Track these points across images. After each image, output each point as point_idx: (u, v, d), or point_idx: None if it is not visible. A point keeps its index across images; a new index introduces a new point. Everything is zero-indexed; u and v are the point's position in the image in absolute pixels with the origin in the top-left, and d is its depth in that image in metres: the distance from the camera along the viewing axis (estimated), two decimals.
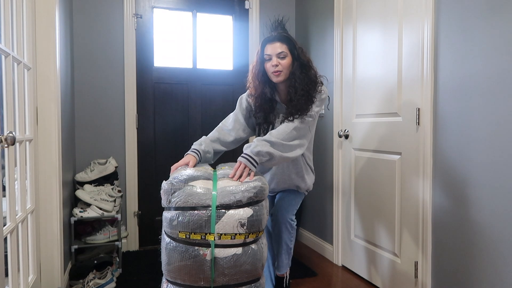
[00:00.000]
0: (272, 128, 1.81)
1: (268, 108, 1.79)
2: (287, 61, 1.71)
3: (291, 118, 1.70)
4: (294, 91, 1.71)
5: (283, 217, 1.81)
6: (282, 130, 1.66)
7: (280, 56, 1.70)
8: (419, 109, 1.93)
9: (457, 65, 1.72)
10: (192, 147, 1.70)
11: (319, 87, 1.76)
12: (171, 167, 1.54)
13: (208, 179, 1.33)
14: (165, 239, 1.28)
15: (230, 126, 1.83)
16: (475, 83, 1.63)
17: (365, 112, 2.38)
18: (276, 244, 1.89)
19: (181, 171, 1.36)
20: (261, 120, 1.82)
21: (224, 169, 1.48)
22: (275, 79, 1.73)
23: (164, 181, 1.33)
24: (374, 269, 2.31)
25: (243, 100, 1.89)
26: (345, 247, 2.60)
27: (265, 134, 1.80)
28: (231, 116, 1.88)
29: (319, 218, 2.92)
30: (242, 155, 1.53)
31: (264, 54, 1.73)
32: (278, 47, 1.70)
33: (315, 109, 1.74)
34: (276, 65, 1.69)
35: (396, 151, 2.11)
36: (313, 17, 3.01)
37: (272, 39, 1.72)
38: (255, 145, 1.56)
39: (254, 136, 1.97)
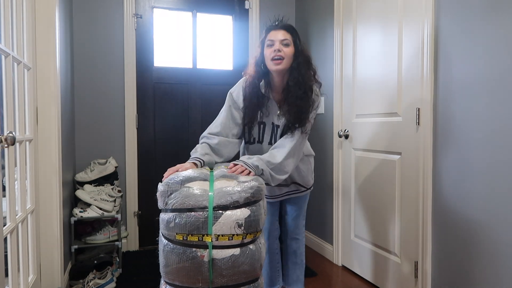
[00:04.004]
0: (263, 129, 1.70)
1: (256, 103, 1.64)
2: (290, 50, 1.59)
3: (292, 130, 1.61)
4: (297, 87, 1.59)
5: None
6: (282, 150, 1.58)
7: (283, 43, 1.58)
8: (419, 109, 1.93)
9: (457, 65, 1.72)
10: (192, 156, 1.56)
11: (317, 89, 1.68)
12: (168, 169, 1.44)
13: (205, 180, 1.33)
14: (162, 241, 1.27)
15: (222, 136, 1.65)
16: (475, 83, 1.63)
17: (365, 112, 2.38)
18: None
19: (177, 172, 1.36)
20: (248, 116, 1.66)
21: (221, 168, 1.47)
22: (274, 67, 1.58)
23: (160, 183, 1.32)
24: (374, 269, 2.31)
25: (239, 94, 1.70)
26: (345, 247, 2.60)
27: (253, 135, 1.71)
28: (220, 121, 1.67)
29: (319, 218, 2.91)
30: (241, 161, 1.49)
31: (266, 40, 1.62)
32: (282, 35, 1.59)
33: (313, 116, 1.68)
34: (279, 50, 1.57)
35: (396, 151, 2.10)
36: (313, 17, 3.01)
37: (277, 27, 1.62)
38: (256, 160, 1.51)
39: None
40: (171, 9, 3.03)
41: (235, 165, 1.48)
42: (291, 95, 1.61)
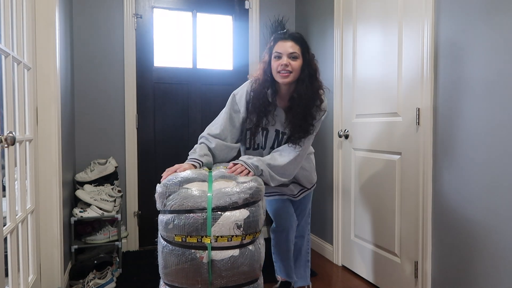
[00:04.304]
0: (266, 135, 1.69)
1: (264, 111, 1.64)
2: (297, 63, 1.58)
3: (296, 140, 1.61)
4: (301, 100, 1.59)
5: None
6: (285, 156, 1.59)
7: (291, 56, 1.56)
8: (419, 109, 1.93)
9: (457, 65, 1.72)
10: (191, 157, 1.55)
11: (321, 104, 1.65)
12: (167, 169, 1.44)
13: (203, 181, 1.32)
14: (161, 243, 1.27)
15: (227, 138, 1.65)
16: (475, 82, 1.63)
17: (365, 112, 2.37)
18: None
19: (175, 173, 1.36)
20: (253, 123, 1.66)
21: (219, 169, 1.47)
22: (281, 80, 1.58)
23: (158, 184, 1.32)
24: (374, 269, 2.31)
25: (241, 97, 1.67)
26: (345, 247, 2.60)
27: (255, 141, 1.71)
28: (221, 123, 1.66)
29: (319, 218, 2.91)
30: (241, 161, 1.50)
31: (274, 51, 1.59)
32: (291, 47, 1.56)
33: (316, 129, 1.68)
34: (286, 65, 1.55)
35: (396, 151, 2.10)
36: (313, 17, 3.00)
37: (285, 37, 1.58)
38: (256, 160, 1.51)
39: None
40: (171, 9, 3.03)
41: (235, 164, 1.48)
42: (295, 107, 1.60)
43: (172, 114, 3.04)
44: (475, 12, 1.62)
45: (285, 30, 1.63)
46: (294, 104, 1.61)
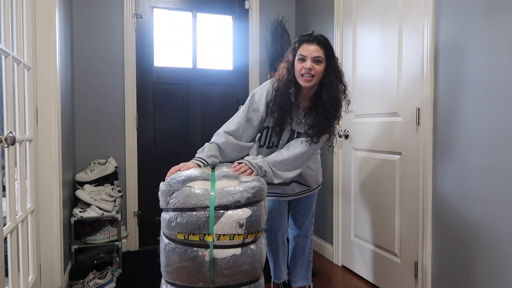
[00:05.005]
0: (281, 134, 1.69)
1: (288, 110, 1.64)
2: (321, 67, 1.58)
3: (310, 138, 1.63)
4: (330, 103, 1.61)
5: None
6: (291, 152, 1.60)
7: (315, 60, 1.57)
8: (419, 109, 1.93)
9: (457, 65, 1.72)
10: (197, 156, 1.57)
11: (347, 106, 1.69)
12: (171, 168, 1.46)
13: (206, 179, 1.33)
14: (163, 241, 1.28)
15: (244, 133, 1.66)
16: (475, 83, 1.63)
17: (365, 112, 2.38)
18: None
19: (179, 172, 1.36)
20: (274, 121, 1.66)
21: (222, 168, 1.48)
22: (304, 83, 1.59)
23: (161, 182, 1.32)
24: (374, 269, 2.31)
25: (261, 96, 1.67)
26: (345, 247, 2.60)
27: (271, 140, 1.72)
28: (237, 120, 1.66)
29: (319, 218, 2.91)
30: (246, 160, 1.51)
31: (298, 53, 1.60)
32: (315, 51, 1.57)
33: (335, 130, 1.71)
34: (310, 69, 1.56)
35: (396, 151, 2.11)
36: (313, 17, 3.01)
37: (311, 40, 1.59)
38: (260, 161, 1.52)
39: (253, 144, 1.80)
40: (171, 9, 3.03)
41: (239, 163, 1.49)
42: (324, 109, 1.62)
43: (172, 114, 3.04)
44: (475, 12, 1.63)
45: (310, 32, 1.63)
46: (320, 107, 1.63)
